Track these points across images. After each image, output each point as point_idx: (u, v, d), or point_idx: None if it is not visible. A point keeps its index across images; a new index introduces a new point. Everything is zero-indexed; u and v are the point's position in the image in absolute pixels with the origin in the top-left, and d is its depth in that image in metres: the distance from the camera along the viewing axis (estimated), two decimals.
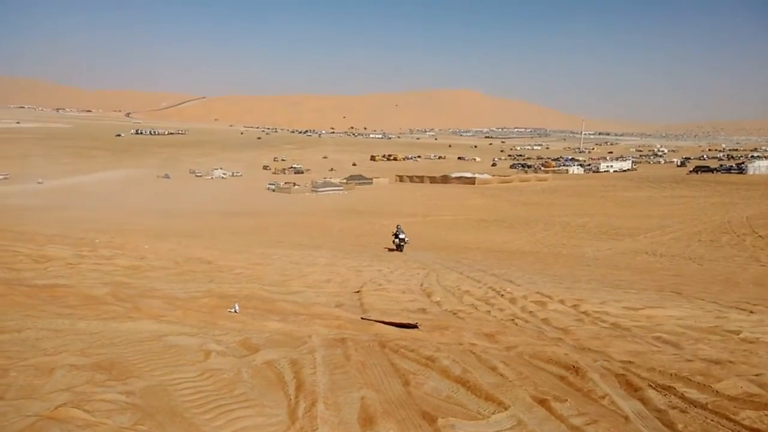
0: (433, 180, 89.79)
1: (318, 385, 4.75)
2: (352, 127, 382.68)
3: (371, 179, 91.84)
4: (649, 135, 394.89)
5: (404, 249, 23.30)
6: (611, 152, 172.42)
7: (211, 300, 8.63)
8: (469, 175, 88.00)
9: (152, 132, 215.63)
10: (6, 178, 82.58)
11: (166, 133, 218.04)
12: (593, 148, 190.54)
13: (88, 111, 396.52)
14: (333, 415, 4.16)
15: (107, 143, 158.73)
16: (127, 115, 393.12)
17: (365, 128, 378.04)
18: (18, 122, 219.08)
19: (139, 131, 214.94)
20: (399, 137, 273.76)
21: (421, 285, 12.96)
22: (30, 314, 6.32)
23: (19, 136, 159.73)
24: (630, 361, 5.99)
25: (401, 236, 23.43)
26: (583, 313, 9.60)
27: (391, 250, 23.86)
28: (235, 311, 7.83)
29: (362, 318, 8.22)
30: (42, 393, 4.06)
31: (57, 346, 5.22)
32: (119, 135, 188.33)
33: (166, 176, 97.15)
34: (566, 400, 4.62)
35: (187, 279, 11.46)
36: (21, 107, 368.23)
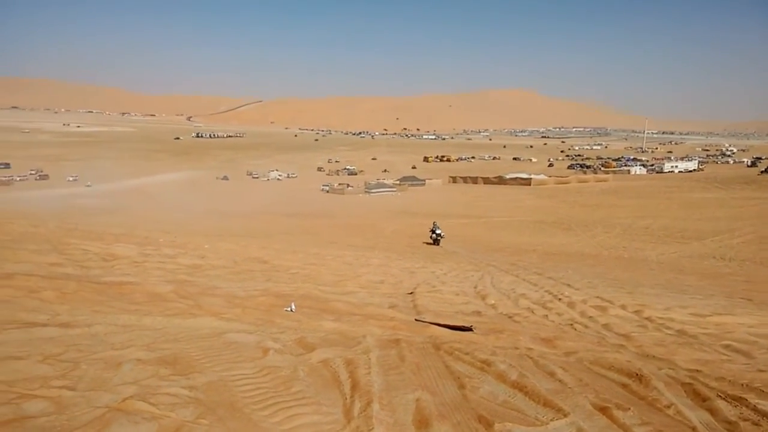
0: (487, 181, 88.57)
1: (373, 385, 4.77)
2: (405, 129, 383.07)
3: (424, 180, 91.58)
4: (717, 134, 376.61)
5: (441, 243, 26.29)
6: (670, 152, 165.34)
7: (268, 299, 8.82)
8: (524, 175, 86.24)
9: (212, 135, 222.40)
10: (76, 180, 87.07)
11: (225, 136, 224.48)
12: (656, 148, 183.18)
13: (152, 115, 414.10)
14: (388, 415, 4.16)
15: (169, 146, 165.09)
16: (189, 118, 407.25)
17: (418, 129, 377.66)
18: (78, 126, 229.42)
19: (200, 134, 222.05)
20: (452, 138, 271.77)
21: (475, 287, 12.82)
22: (99, 310, 6.63)
23: (88, 140, 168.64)
24: (697, 370, 5.75)
25: (437, 231, 26.67)
26: (647, 319, 9.25)
27: (428, 243, 26.64)
28: (291, 310, 7.97)
29: (416, 319, 8.20)
30: (111, 385, 4.24)
31: (124, 341, 5.46)
32: (178, 138, 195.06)
33: (225, 178, 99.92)
34: (629, 408, 4.47)
35: (245, 278, 11.76)
36: (89, 112, 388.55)
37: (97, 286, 8.41)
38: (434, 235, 26.70)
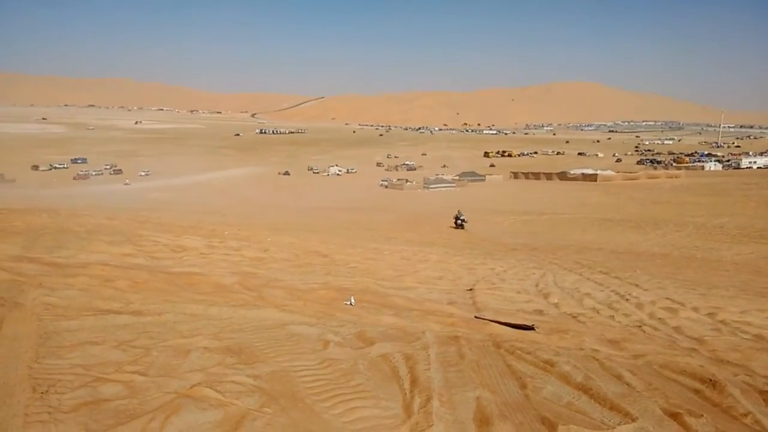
0: (549, 177, 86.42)
1: (432, 381, 4.74)
2: (465, 124, 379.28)
3: (484, 176, 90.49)
4: None
5: (465, 227, 31.11)
6: (738, 146, 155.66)
7: (329, 292, 8.95)
8: (590, 171, 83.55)
9: (274, 131, 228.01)
10: (147, 175, 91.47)
11: (287, 132, 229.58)
12: (733, 143, 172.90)
13: (218, 112, 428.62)
14: (448, 412, 4.13)
15: (233, 142, 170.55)
16: (253, 115, 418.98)
17: (479, 124, 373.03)
18: (136, 123, 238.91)
19: (263, 131, 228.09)
20: (514, 133, 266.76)
21: (537, 285, 12.54)
22: (169, 299, 6.92)
23: (159, 137, 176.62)
24: None
25: (462, 217, 31.53)
26: (721, 322, 8.80)
27: (453, 228, 31.47)
28: (351, 304, 8.05)
29: (476, 317, 8.10)
30: (179, 372, 4.42)
31: (192, 330, 5.68)
32: (238, 134, 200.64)
33: (286, 173, 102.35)
34: (702, 415, 4.24)
35: (305, 271, 11.99)
36: (160, 109, 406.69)
37: (167, 276, 8.79)
38: (459, 221, 31.49)
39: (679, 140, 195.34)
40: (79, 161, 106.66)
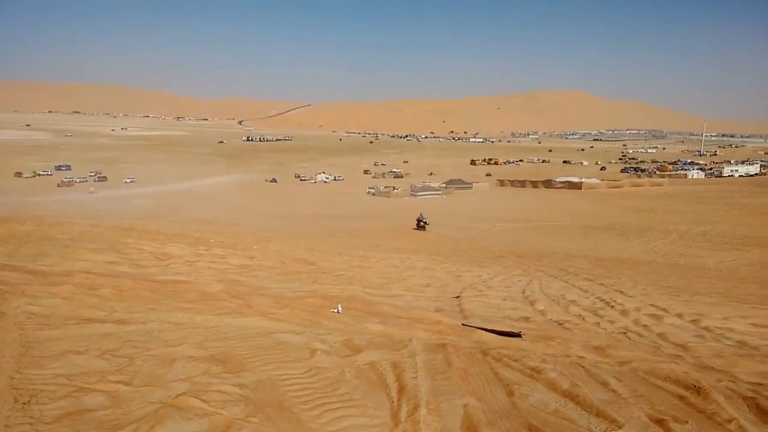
0: (534, 184, 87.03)
1: (420, 389, 4.73)
2: (452, 132, 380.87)
3: (471, 183, 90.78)
4: None
5: (427, 228, 33.84)
6: (716, 154, 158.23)
7: (316, 300, 8.91)
8: (575, 179, 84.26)
9: (261, 138, 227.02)
10: (133, 182, 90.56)
11: (274, 139, 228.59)
12: (715, 152, 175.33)
13: (205, 119, 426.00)
14: (435, 420, 4.12)
15: (219, 149, 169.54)
16: (239, 122, 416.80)
17: (465, 132, 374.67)
18: (123, 129, 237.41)
19: (250, 138, 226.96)
20: (500, 141, 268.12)
21: (523, 292, 12.59)
22: (153, 307, 6.85)
23: (144, 143, 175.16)
24: (760, 384, 5.51)
25: (424, 220, 34.52)
26: (704, 328, 8.89)
27: (416, 229, 34.27)
28: (338, 312, 8.02)
29: (463, 324, 8.11)
30: (164, 381, 4.38)
31: (177, 338, 5.62)
32: (222, 142, 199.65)
33: (273, 180, 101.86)
34: (687, 421, 4.29)
35: (292, 279, 11.95)
36: (146, 116, 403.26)
37: (151, 284, 8.70)
38: (421, 223, 34.39)
39: (663, 148, 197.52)
40: (63, 168, 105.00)
